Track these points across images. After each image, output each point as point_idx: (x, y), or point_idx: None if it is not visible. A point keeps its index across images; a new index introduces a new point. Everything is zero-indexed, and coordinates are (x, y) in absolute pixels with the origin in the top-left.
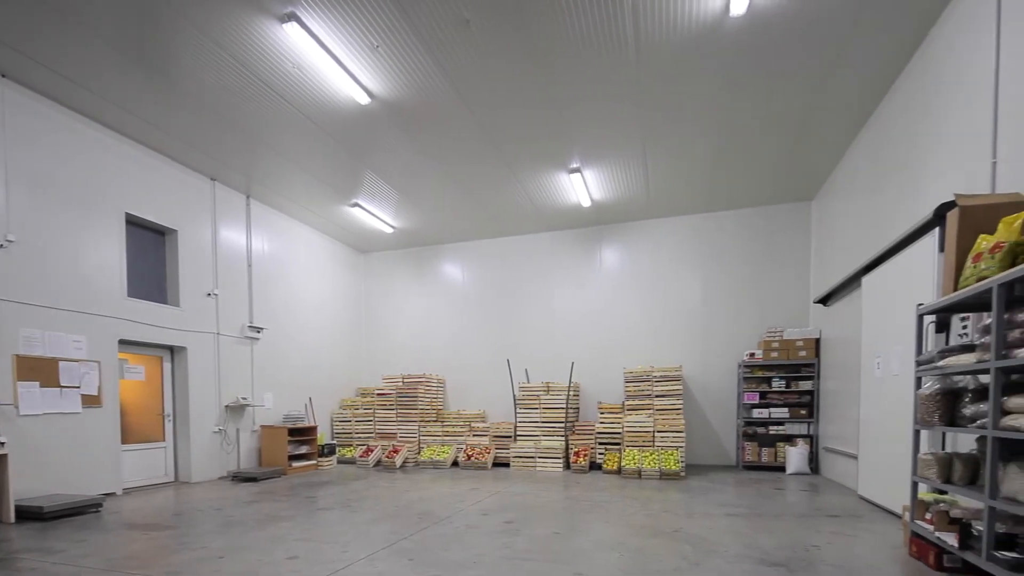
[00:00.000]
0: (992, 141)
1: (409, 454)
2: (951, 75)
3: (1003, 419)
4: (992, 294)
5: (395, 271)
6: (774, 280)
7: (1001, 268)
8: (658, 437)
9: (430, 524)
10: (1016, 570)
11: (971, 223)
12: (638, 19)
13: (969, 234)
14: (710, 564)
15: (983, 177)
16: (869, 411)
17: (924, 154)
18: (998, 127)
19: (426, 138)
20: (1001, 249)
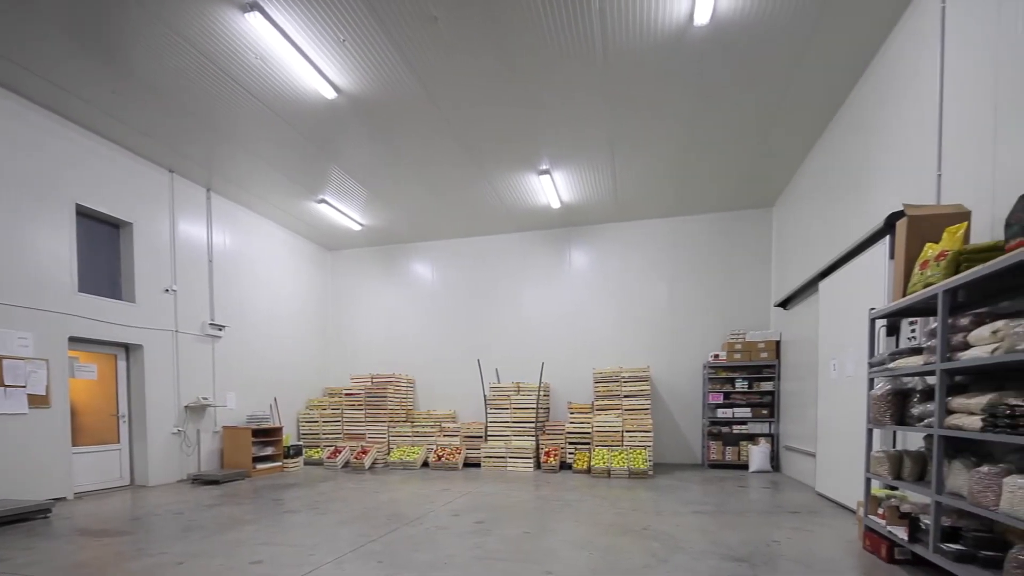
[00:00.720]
0: (937, 155)
1: (378, 455)
2: (899, 92)
3: (948, 418)
4: (937, 300)
5: (364, 269)
6: (737, 284)
7: (945, 275)
8: (627, 437)
9: (400, 525)
10: (960, 561)
11: (918, 232)
12: (605, 24)
13: (917, 242)
14: (677, 561)
15: (929, 188)
16: (826, 411)
17: (875, 165)
18: (942, 142)
19: (395, 135)
20: (945, 257)
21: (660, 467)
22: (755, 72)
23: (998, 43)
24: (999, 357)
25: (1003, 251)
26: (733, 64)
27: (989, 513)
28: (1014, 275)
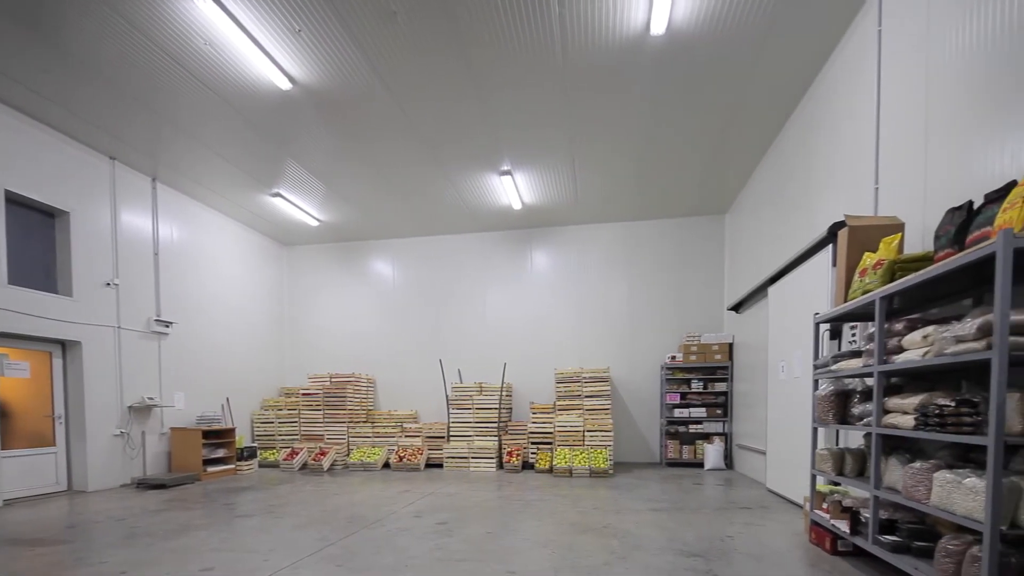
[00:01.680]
0: (875, 169)
1: (337, 456)
2: (841, 109)
3: (884, 417)
4: (875, 306)
5: (322, 266)
6: (692, 287)
7: (882, 283)
8: (588, 436)
9: (360, 528)
10: (896, 551)
11: (858, 241)
12: (565, 30)
13: (856, 251)
14: (636, 557)
15: (868, 200)
16: (775, 411)
17: (819, 177)
18: (879, 157)
19: (354, 131)
20: (882, 266)
21: (620, 466)
22: (708, 84)
23: (928, 68)
24: (929, 360)
25: (933, 261)
26: (688, 76)
27: (921, 506)
28: (942, 284)
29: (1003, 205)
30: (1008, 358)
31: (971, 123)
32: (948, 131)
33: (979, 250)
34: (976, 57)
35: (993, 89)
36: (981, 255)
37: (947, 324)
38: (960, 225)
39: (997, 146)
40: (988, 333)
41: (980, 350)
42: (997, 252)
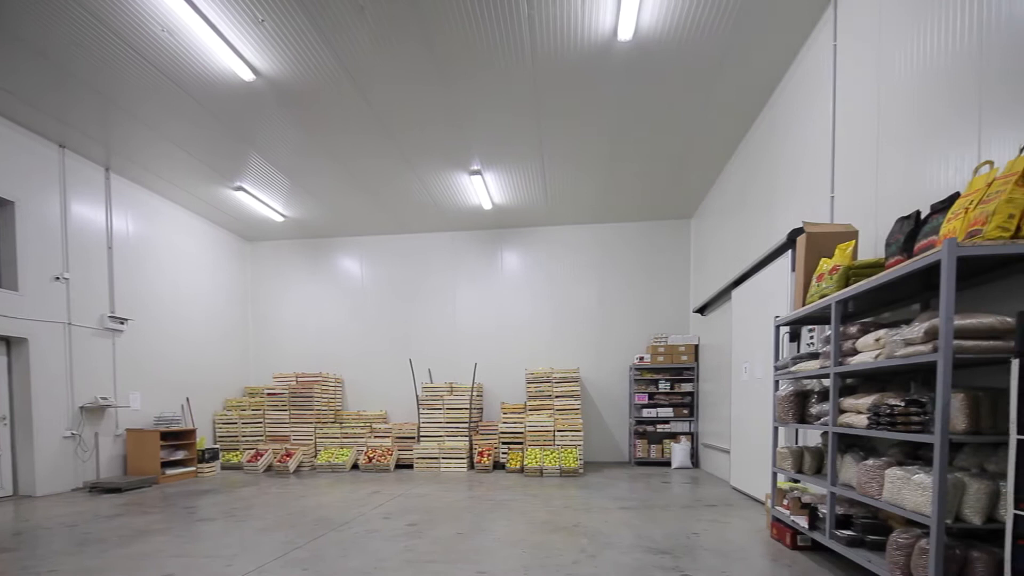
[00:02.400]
0: (831, 178)
1: (304, 458)
2: (800, 119)
3: (840, 416)
4: (831, 309)
5: (287, 262)
6: (660, 290)
7: (838, 287)
8: (558, 436)
9: (327, 531)
10: (851, 545)
11: (815, 247)
12: (534, 32)
13: (814, 257)
14: (606, 555)
15: (825, 208)
16: (738, 410)
17: (780, 184)
18: (835, 166)
19: (320, 125)
20: (837, 271)
21: (590, 465)
22: (674, 92)
23: (879, 84)
24: (881, 362)
25: (884, 267)
26: (654, 82)
27: (874, 502)
28: (893, 289)
29: (947, 215)
30: (952, 360)
31: (918, 138)
32: (897, 145)
33: (925, 258)
34: (921, 78)
35: (936, 109)
36: (927, 262)
37: (897, 328)
38: (909, 234)
39: (942, 160)
40: (934, 337)
41: (927, 353)
42: (942, 260)
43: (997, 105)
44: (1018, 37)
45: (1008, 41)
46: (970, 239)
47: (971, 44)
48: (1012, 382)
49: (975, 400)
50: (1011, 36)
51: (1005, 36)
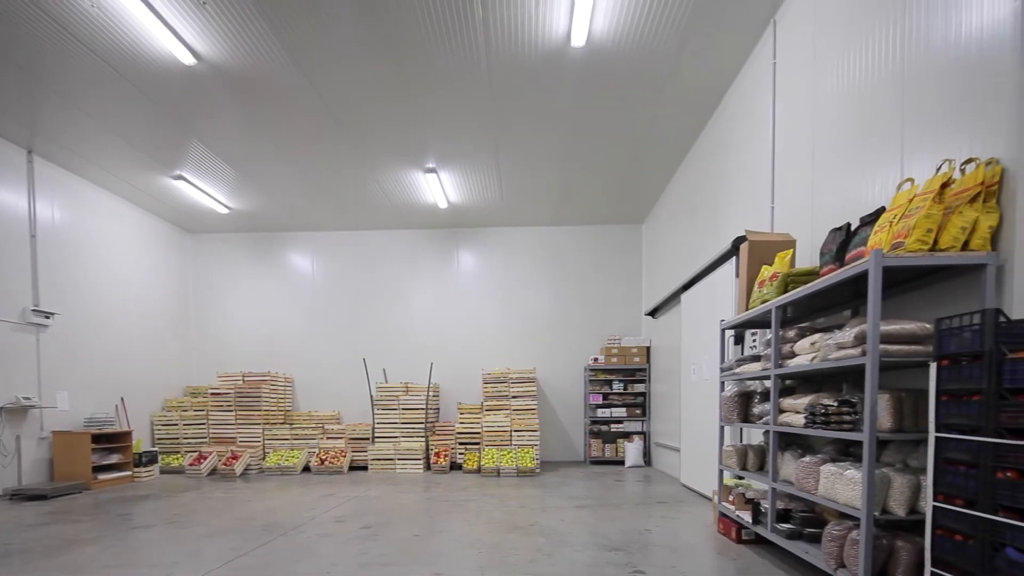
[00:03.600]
0: (771, 190)
1: (252, 460)
2: (743, 130)
3: (780, 416)
4: (771, 314)
5: (233, 257)
6: (613, 292)
7: (777, 293)
8: (515, 436)
9: (276, 536)
10: (790, 538)
11: (757, 255)
12: (488, 33)
13: (756, 264)
14: (561, 554)
15: (766, 218)
16: (688, 410)
17: (725, 193)
18: (775, 178)
19: (268, 115)
20: (777, 278)
21: (547, 465)
22: (626, 98)
23: (814, 102)
24: (816, 364)
25: (819, 275)
26: (607, 88)
27: (811, 496)
28: (827, 296)
29: (875, 228)
30: (879, 363)
31: (848, 155)
32: (830, 160)
33: (855, 267)
34: (851, 99)
35: (864, 128)
36: (857, 271)
37: (831, 332)
38: (840, 244)
39: (870, 177)
40: (863, 341)
41: (856, 356)
42: (869, 269)
43: (917, 126)
44: (934, 66)
45: (925, 69)
46: (894, 251)
47: (894, 69)
48: (931, 384)
49: (899, 400)
50: (928, 64)
51: (923, 64)
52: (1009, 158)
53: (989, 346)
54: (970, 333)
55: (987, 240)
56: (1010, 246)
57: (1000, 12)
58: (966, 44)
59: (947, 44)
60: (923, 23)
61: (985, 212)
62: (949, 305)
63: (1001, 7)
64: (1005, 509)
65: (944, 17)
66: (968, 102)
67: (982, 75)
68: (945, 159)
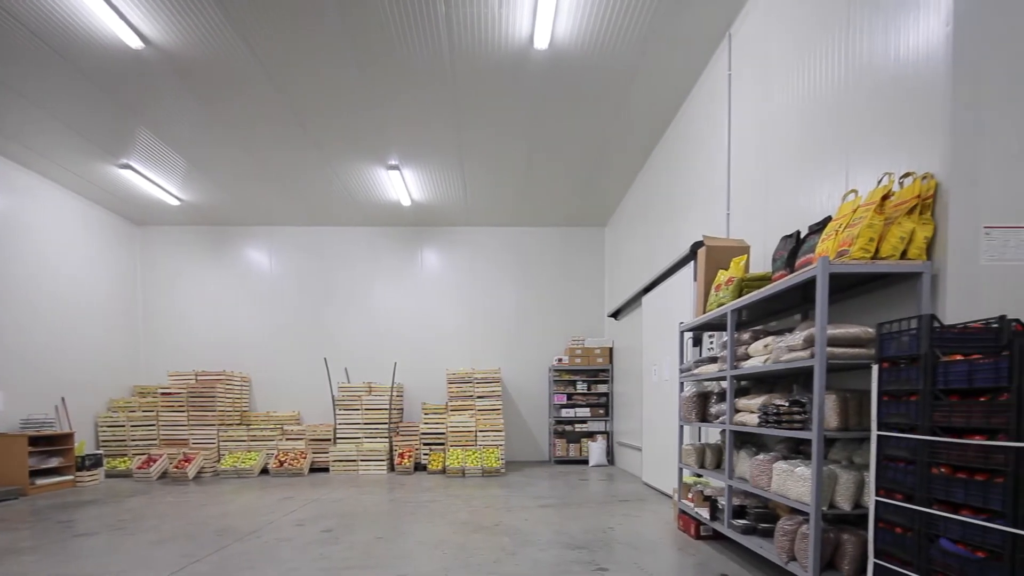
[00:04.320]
0: (727, 196)
1: (206, 463)
2: (701, 138)
3: (736, 416)
4: (727, 317)
5: (185, 251)
6: (576, 294)
7: (733, 297)
8: (480, 436)
9: (232, 541)
10: (745, 533)
11: (714, 260)
12: (452, 32)
13: (713, 268)
14: (526, 553)
15: (722, 224)
16: (649, 410)
17: (684, 199)
18: (731, 186)
19: (221, 104)
20: (732, 283)
21: (512, 465)
22: (588, 102)
23: (767, 113)
24: (769, 366)
25: (771, 281)
26: (570, 92)
27: (764, 493)
28: (778, 300)
29: (822, 236)
30: (826, 365)
31: (798, 165)
32: (781, 170)
33: (804, 273)
34: (800, 111)
35: (812, 140)
36: (805, 277)
37: (782, 335)
38: (791, 251)
39: (817, 187)
40: (811, 344)
41: (805, 358)
42: (817, 275)
43: (860, 140)
44: (876, 83)
45: (868, 86)
46: (840, 258)
47: (839, 85)
48: (873, 385)
49: (845, 401)
50: (871, 82)
51: (866, 81)
52: (942, 174)
53: (924, 350)
54: (908, 337)
55: (923, 250)
56: (943, 256)
57: (934, 36)
58: (904, 64)
59: (887, 63)
60: (866, 43)
61: (921, 224)
62: (890, 310)
63: (935, 31)
64: (939, 502)
65: (884, 38)
66: (906, 119)
67: (918, 94)
68: (886, 172)
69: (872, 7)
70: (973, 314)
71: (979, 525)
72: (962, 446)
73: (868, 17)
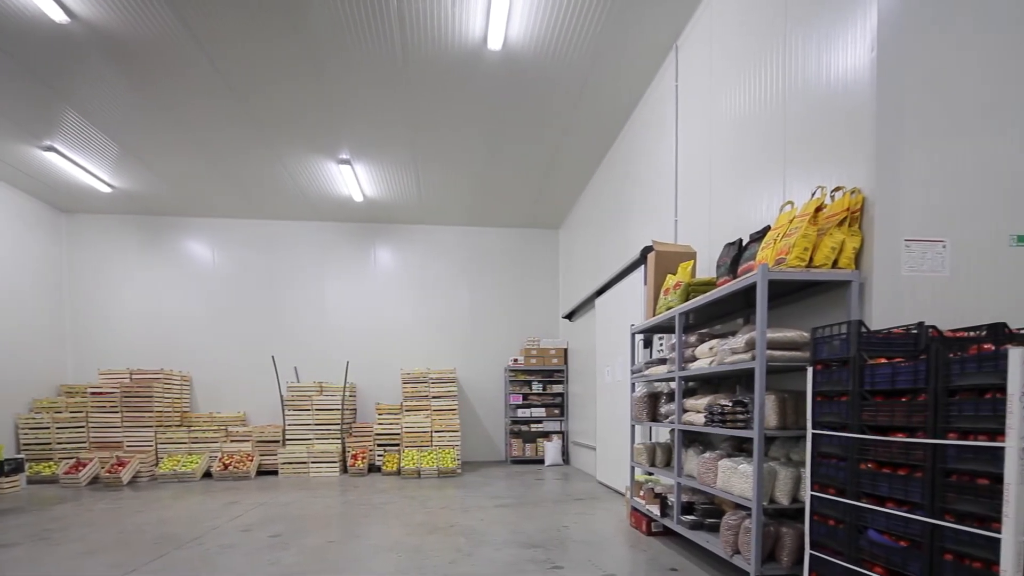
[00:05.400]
0: (675, 203)
1: (143, 466)
2: (651, 144)
3: (684, 415)
4: (675, 320)
5: (118, 241)
6: (532, 295)
7: (680, 301)
8: (435, 437)
9: (171, 549)
10: (693, 528)
11: (663, 264)
12: (404, 29)
13: (662, 273)
14: (481, 553)
15: (671, 230)
16: (602, 410)
17: (635, 204)
18: (678, 193)
19: (157, 88)
20: (680, 287)
21: (468, 465)
22: (542, 106)
23: (711, 126)
24: (714, 367)
25: (715, 286)
26: (523, 95)
27: (710, 490)
28: (722, 304)
29: (762, 244)
30: (766, 367)
31: (740, 175)
32: (725, 179)
33: (745, 279)
34: (741, 125)
35: (752, 152)
36: (747, 283)
37: (726, 338)
38: (733, 258)
39: (758, 197)
40: (752, 347)
41: (747, 360)
42: (757, 282)
43: (797, 154)
44: (811, 100)
45: (804, 102)
46: (778, 266)
47: (778, 101)
48: (808, 386)
49: (783, 401)
50: (806, 99)
51: (802, 98)
52: (868, 189)
53: (853, 353)
54: (838, 341)
55: (852, 260)
56: (870, 266)
57: (861, 61)
58: (835, 85)
59: (820, 83)
60: (801, 63)
61: (850, 235)
62: (823, 316)
63: (862, 57)
64: (867, 496)
65: (817, 59)
66: (837, 136)
67: (847, 114)
68: (819, 186)
69: (807, 29)
70: (896, 320)
71: (901, 516)
72: (886, 443)
73: (803, 39)
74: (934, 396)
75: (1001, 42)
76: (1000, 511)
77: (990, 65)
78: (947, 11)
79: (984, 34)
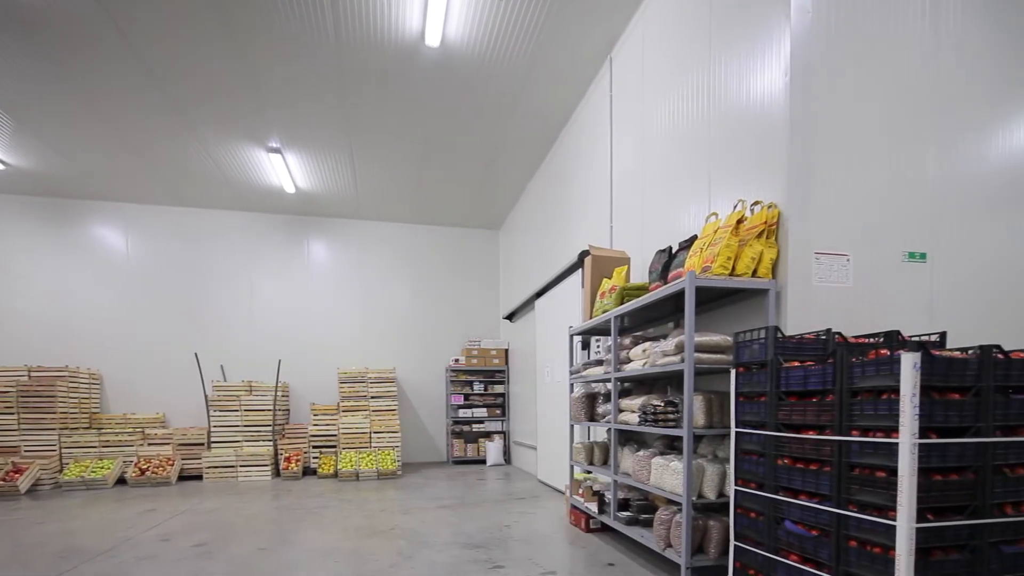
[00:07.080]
0: (610, 209)
1: (44, 473)
2: (587, 151)
3: (620, 415)
4: (611, 323)
5: (15, 225)
6: (473, 295)
7: (615, 305)
8: (375, 438)
9: (79, 563)
10: (629, 524)
11: (599, 268)
12: (338, 15)
13: (598, 276)
14: (422, 556)
15: (606, 235)
16: (543, 410)
17: (573, 208)
18: (613, 200)
19: (57, 56)
20: (615, 291)
21: (409, 466)
22: (480, 107)
23: (643, 136)
24: (647, 369)
25: (648, 290)
26: (462, 94)
27: (644, 486)
28: (654, 309)
29: (689, 252)
30: (694, 369)
31: (670, 186)
32: (656, 188)
33: (674, 285)
34: (670, 138)
35: (681, 164)
36: (676, 289)
37: (658, 341)
38: (664, 264)
39: (686, 207)
40: (682, 350)
41: (677, 362)
42: (685, 288)
43: (721, 168)
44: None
45: (726, 120)
46: (704, 273)
47: (703, 116)
48: (732, 387)
49: (710, 401)
50: (729, 116)
51: (725, 115)
52: (783, 204)
53: (771, 357)
54: (758, 346)
55: (769, 269)
56: (784, 276)
57: (775, 85)
58: (754, 105)
59: (740, 102)
60: (724, 82)
61: (768, 246)
62: (745, 322)
63: (776, 81)
64: (784, 489)
65: (738, 80)
66: (756, 153)
67: (764, 133)
68: (740, 199)
69: (729, 52)
70: (807, 326)
71: (812, 508)
72: (799, 440)
73: (726, 60)
74: (840, 397)
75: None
76: (895, 501)
77: (894, 92)
78: (856, 40)
79: (888, 62)
